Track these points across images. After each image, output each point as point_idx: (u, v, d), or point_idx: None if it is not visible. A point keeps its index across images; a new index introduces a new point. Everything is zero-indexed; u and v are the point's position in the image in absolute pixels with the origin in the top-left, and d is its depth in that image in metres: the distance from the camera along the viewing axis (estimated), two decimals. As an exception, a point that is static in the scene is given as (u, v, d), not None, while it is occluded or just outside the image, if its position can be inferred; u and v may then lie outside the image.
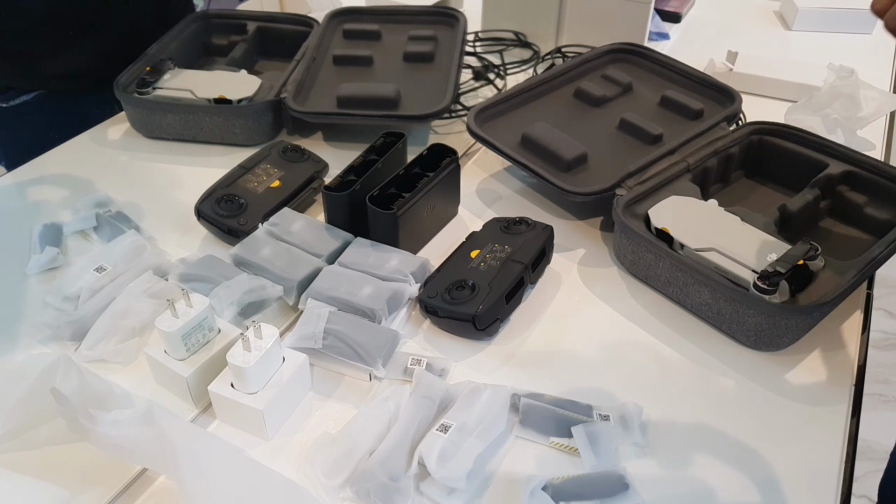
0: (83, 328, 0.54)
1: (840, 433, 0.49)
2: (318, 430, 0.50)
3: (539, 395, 0.51)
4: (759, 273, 0.53)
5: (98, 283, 0.57)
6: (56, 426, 0.47)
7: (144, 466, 0.47)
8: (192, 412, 0.51)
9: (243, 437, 0.49)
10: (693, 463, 0.48)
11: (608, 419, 0.49)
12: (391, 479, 0.44)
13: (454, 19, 0.90)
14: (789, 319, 0.53)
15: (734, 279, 0.55)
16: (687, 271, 0.56)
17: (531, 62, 0.95)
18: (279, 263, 0.58)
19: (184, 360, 0.50)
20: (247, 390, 0.48)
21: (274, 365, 0.49)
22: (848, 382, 0.53)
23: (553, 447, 0.48)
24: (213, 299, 0.52)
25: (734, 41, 0.99)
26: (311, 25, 0.90)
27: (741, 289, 0.54)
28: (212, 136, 0.78)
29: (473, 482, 0.46)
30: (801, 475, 0.47)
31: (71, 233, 0.65)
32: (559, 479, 0.45)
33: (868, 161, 0.66)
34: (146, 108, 0.77)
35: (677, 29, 1.06)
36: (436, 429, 0.46)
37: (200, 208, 0.65)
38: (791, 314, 0.52)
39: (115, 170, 0.75)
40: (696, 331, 0.57)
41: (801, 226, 0.64)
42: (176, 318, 0.49)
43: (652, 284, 0.61)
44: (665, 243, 0.58)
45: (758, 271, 0.54)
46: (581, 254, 0.65)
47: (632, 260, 0.62)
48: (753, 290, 0.53)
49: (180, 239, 0.66)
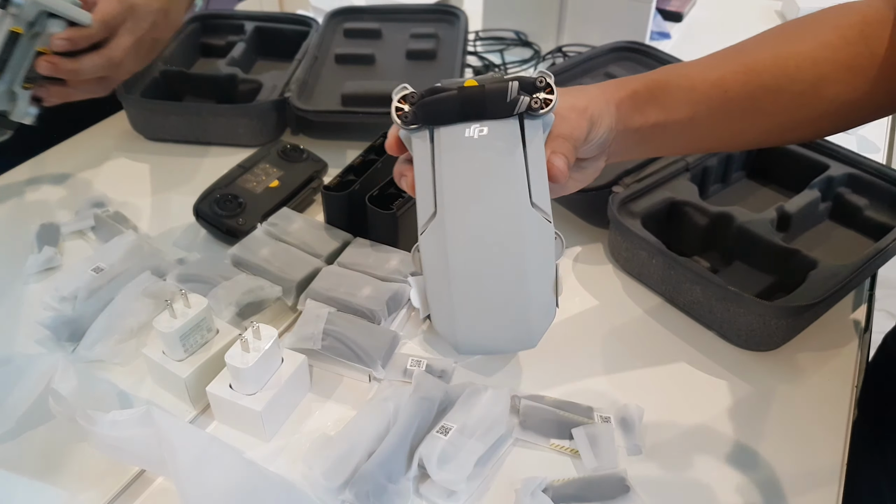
0: (81, 328, 0.54)
1: (841, 434, 0.49)
2: (316, 431, 0.49)
3: (539, 397, 0.50)
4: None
5: (96, 283, 0.56)
6: (54, 427, 0.47)
7: (142, 468, 0.47)
8: (190, 413, 0.50)
9: (242, 438, 0.49)
10: (694, 465, 0.47)
11: (609, 421, 0.49)
12: (390, 481, 0.44)
13: (455, 17, 0.90)
14: (779, 319, 0.53)
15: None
16: (679, 269, 0.56)
17: (532, 61, 0.95)
18: (278, 264, 0.58)
19: (182, 360, 0.50)
20: (245, 391, 0.48)
21: (273, 366, 0.49)
22: (849, 383, 0.53)
23: (553, 449, 0.48)
24: (211, 300, 0.52)
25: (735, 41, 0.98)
26: (311, 25, 0.90)
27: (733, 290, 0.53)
28: (215, 136, 0.78)
29: (473, 484, 0.46)
30: (802, 476, 0.47)
31: (69, 233, 0.65)
32: (560, 482, 0.45)
33: (870, 164, 0.66)
34: (148, 109, 0.77)
35: (679, 28, 1.06)
36: (436, 431, 0.46)
37: (199, 208, 0.64)
38: (780, 314, 0.52)
39: (113, 170, 0.75)
40: (693, 331, 0.57)
41: (800, 227, 0.64)
42: (174, 319, 0.48)
43: (646, 282, 0.61)
44: (660, 241, 0.58)
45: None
46: (577, 251, 0.65)
47: (626, 258, 0.62)
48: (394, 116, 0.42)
49: (178, 239, 0.66)
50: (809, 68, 0.44)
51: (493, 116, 0.41)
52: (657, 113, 0.46)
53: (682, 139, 0.48)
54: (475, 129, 0.41)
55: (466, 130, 0.41)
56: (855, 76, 0.44)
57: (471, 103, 0.41)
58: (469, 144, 0.41)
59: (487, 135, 0.41)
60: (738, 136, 0.49)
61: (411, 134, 0.42)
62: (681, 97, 0.46)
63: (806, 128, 0.48)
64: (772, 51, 0.46)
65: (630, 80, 0.47)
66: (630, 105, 0.45)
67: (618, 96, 0.45)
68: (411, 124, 0.41)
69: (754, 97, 0.45)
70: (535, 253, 0.39)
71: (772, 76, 0.45)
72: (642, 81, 0.46)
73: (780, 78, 0.45)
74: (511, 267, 0.39)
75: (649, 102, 0.46)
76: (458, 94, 0.41)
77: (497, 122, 0.41)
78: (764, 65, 0.45)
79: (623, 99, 0.45)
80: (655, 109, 0.46)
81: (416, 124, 0.41)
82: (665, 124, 0.46)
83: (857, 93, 0.44)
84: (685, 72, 0.47)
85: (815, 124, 0.47)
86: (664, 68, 0.48)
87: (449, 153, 0.41)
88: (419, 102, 0.41)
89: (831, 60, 0.44)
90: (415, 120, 0.41)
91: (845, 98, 0.44)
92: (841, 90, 0.44)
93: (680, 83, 0.46)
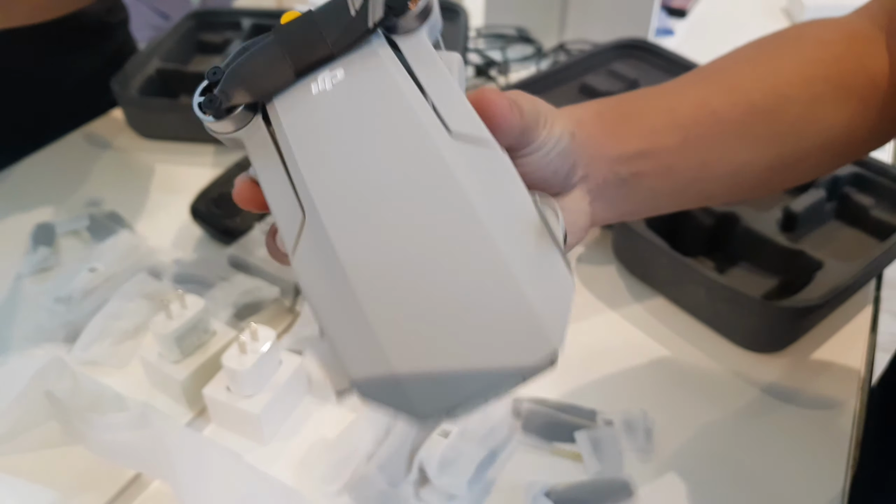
0: (76, 330, 0.53)
1: (846, 437, 0.49)
2: (315, 434, 0.49)
3: (542, 400, 0.50)
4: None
5: (91, 283, 0.56)
6: (49, 429, 0.46)
7: (138, 471, 0.46)
8: (186, 416, 0.50)
9: (239, 441, 0.48)
10: (698, 469, 0.47)
11: (612, 424, 0.48)
12: (390, 484, 0.44)
13: (455, 14, 0.89)
14: (785, 321, 0.52)
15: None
16: (684, 270, 0.55)
17: (534, 58, 0.94)
18: (276, 264, 0.57)
19: (178, 362, 0.49)
20: (243, 393, 0.47)
21: (271, 368, 0.48)
22: (854, 385, 0.52)
23: (556, 453, 0.47)
24: (208, 301, 0.51)
25: (740, 38, 0.97)
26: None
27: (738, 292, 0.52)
28: (210, 135, 0.77)
29: (474, 488, 0.45)
30: (808, 478, 0.46)
31: (63, 232, 0.64)
32: (562, 486, 0.45)
33: (876, 163, 0.65)
34: (145, 107, 0.76)
35: (683, 25, 1.05)
36: (436, 434, 0.45)
37: (196, 208, 0.64)
38: (786, 315, 0.52)
39: (108, 169, 0.74)
40: (698, 333, 0.56)
41: (806, 227, 0.63)
42: (170, 320, 0.48)
43: (650, 283, 0.60)
44: (665, 242, 0.57)
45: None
46: (580, 251, 0.64)
47: (630, 258, 0.61)
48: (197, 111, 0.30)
49: (175, 239, 0.65)
50: (801, 86, 0.39)
51: (343, 50, 0.28)
52: (637, 139, 0.36)
53: (679, 177, 0.38)
54: (325, 79, 0.28)
55: (313, 86, 0.28)
56: (850, 96, 0.39)
57: (302, 44, 0.28)
58: (324, 102, 0.27)
59: (345, 77, 0.27)
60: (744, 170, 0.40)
61: (236, 134, 0.29)
62: (662, 119, 0.37)
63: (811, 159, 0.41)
64: (754, 70, 0.40)
65: (588, 103, 0.37)
66: (596, 125, 0.36)
67: (576, 114, 0.35)
68: (228, 114, 0.28)
69: (746, 122, 0.39)
70: (488, 197, 0.24)
71: (762, 95, 0.39)
72: (604, 103, 0.38)
73: (772, 98, 0.39)
74: (455, 236, 0.24)
75: (621, 124, 0.37)
76: (276, 39, 0.28)
77: (353, 55, 0.28)
78: (751, 83, 0.39)
79: (583, 118, 0.35)
80: (632, 133, 0.36)
81: (233, 112, 0.28)
82: (651, 152, 0.36)
83: (856, 117, 0.39)
84: (656, 93, 0.39)
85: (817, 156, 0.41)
86: (624, 94, 0.39)
87: (298, 127, 0.27)
88: (225, 76, 0.28)
89: (822, 77, 0.39)
90: (229, 106, 0.28)
91: (844, 123, 0.40)
92: (838, 113, 0.39)
93: (655, 104, 0.38)
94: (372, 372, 0.23)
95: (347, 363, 0.23)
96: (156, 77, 0.80)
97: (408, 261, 0.24)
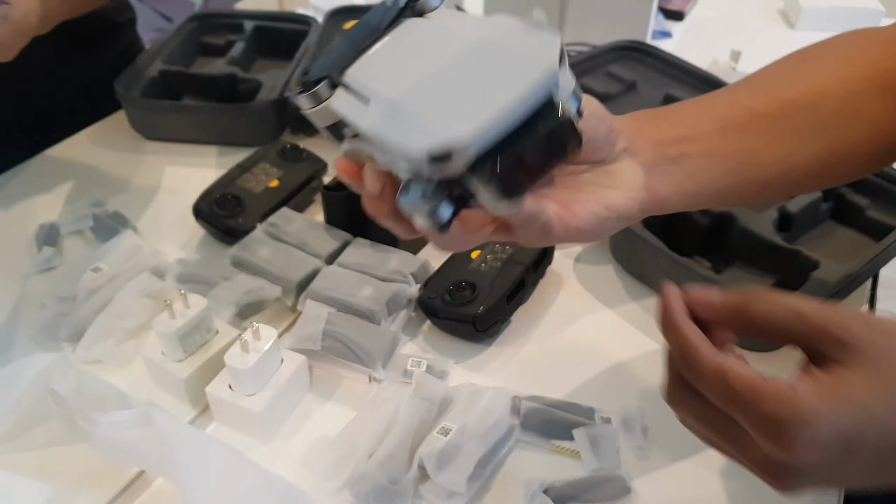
0: (80, 329, 0.54)
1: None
2: (316, 432, 0.49)
3: (540, 398, 0.50)
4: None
5: (95, 283, 0.56)
6: (53, 428, 0.47)
7: (142, 469, 0.46)
8: (189, 414, 0.50)
9: (241, 439, 0.49)
10: (695, 466, 0.47)
11: (610, 422, 0.49)
12: (390, 481, 0.44)
13: (455, 17, 0.90)
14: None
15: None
16: (681, 270, 0.56)
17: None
18: (278, 264, 0.58)
19: (181, 361, 0.50)
20: (245, 392, 0.47)
21: (272, 366, 0.49)
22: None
23: (554, 450, 0.48)
24: (210, 300, 0.52)
25: (738, 40, 0.98)
26: (310, 24, 0.90)
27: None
28: (215, 136, 0.78)
29: (474, 485, 0.45)
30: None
31: (68, 233, 0.65)
32: (561, 483, 0.45)
33: (872, 162, 0.65)
34: (147, 109, 0.77)
35: (680, 27, 1.06)
36: (436, 431, 0.46)
37: (198, 208, 0.64)
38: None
39: (112, 169, 0.75)
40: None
41: (802, 227, 0.64)
42: (173, 319, 0.48)
43: (647, 283, 0.61)
44: (662, 242, 0.58)
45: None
46: (578, 251, 0.65)
47: (628, 258, 0.62)
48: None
49: (178, 239, 0.65)
50: (837, 84, 0.40)
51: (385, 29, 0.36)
52: (672, 128, 0.40)
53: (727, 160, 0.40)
54: (376, 45, 0.36)
55: (368, 52, 0.36)
56: (890, 92, 0.40)
57: (356, 32, 0.36)
58: (378, 52, 0.35)
59: (389, 38, 0.36)
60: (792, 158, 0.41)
61: (326, 103, 0.35)
62: (695, 115, 0.40)
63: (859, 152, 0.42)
64: (788, 74, 0.42)
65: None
66: (631, 118, 0.40)
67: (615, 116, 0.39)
68: (316, 85, 0.35)
69: (785, 116, 0.40)
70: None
71: (798, 93, 0.40)
72: (634, 113, 0.41)
73: (808, 95, 0.40)
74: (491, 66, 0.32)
75: (655, 118, 0.40)
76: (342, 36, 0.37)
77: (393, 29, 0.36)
78: (786, 84, 0.41)
79: (620, 117, 0.40)
80: (667, 124, 0.40)
81: (318, 85, 0.35)
82: (691, 137, 0.39)
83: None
84: (687, 101, 0.42)
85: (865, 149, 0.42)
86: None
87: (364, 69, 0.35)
88: (312, 65, 0.36)
89: (860, 76, 0.40)
90: (317, 75, 0.35)
91: (888, 117, 0.40)
92: (881, 108, 0.40)
93: (686, 106, 0.41)
94: (430, 129, 0.31)
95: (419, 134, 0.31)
96: (159, 79, 0.81)
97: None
